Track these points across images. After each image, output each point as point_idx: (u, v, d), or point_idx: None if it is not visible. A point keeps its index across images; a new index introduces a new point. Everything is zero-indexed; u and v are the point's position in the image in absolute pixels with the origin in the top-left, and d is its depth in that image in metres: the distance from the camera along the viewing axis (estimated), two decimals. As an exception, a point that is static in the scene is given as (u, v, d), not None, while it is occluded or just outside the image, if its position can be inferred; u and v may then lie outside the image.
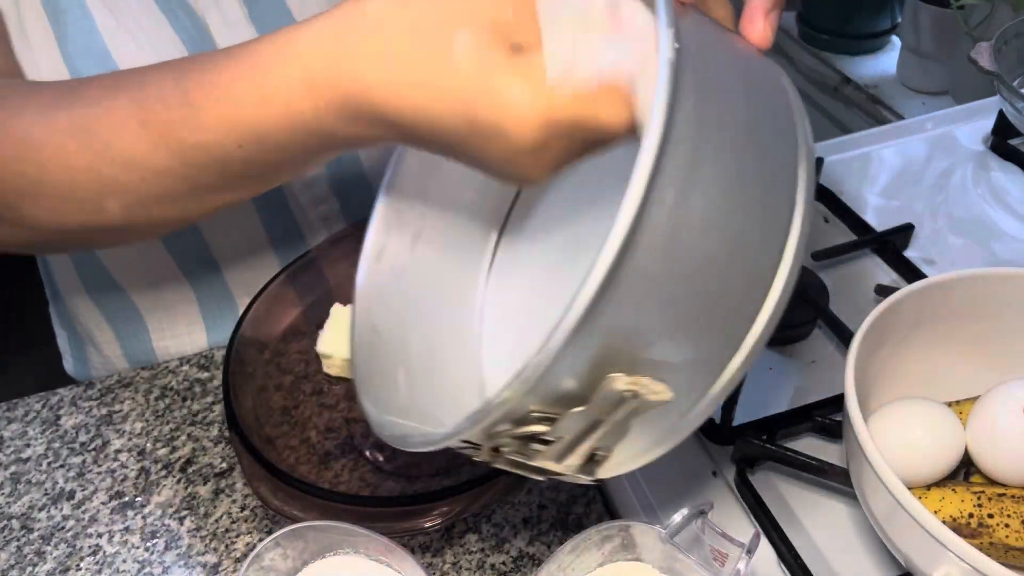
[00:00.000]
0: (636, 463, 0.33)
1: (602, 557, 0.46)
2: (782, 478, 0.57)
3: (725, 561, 0.42)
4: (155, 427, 0.65)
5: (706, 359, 0.28)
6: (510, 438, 0.29)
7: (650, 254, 0.23)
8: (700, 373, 0.28)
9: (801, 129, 0.28)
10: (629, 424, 0.28)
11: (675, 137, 0.22)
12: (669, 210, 0.23)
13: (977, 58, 0.76)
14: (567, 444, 0.29)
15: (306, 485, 0.51)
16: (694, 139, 0.23)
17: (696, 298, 0.25)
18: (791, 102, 0.29)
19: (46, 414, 0.67)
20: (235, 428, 0.53)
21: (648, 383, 0.26)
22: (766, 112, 0.27)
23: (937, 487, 0.48)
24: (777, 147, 0.27)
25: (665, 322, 0.25)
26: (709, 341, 0.27)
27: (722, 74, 0.26)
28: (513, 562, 0.54)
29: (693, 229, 0.24)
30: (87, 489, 0.61)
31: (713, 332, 0.27)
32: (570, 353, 0.24)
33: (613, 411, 0.27)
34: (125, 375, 0.70)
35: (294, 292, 0.64)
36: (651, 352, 0.26)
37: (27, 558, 0.57)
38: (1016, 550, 0.45)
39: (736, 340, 0.28)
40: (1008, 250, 0.70)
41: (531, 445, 0.29)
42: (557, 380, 0.26)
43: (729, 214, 0.25)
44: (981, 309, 0.52)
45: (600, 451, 0.30)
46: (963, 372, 0.53)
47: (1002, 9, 1.08)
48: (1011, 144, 0.81)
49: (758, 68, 0.29)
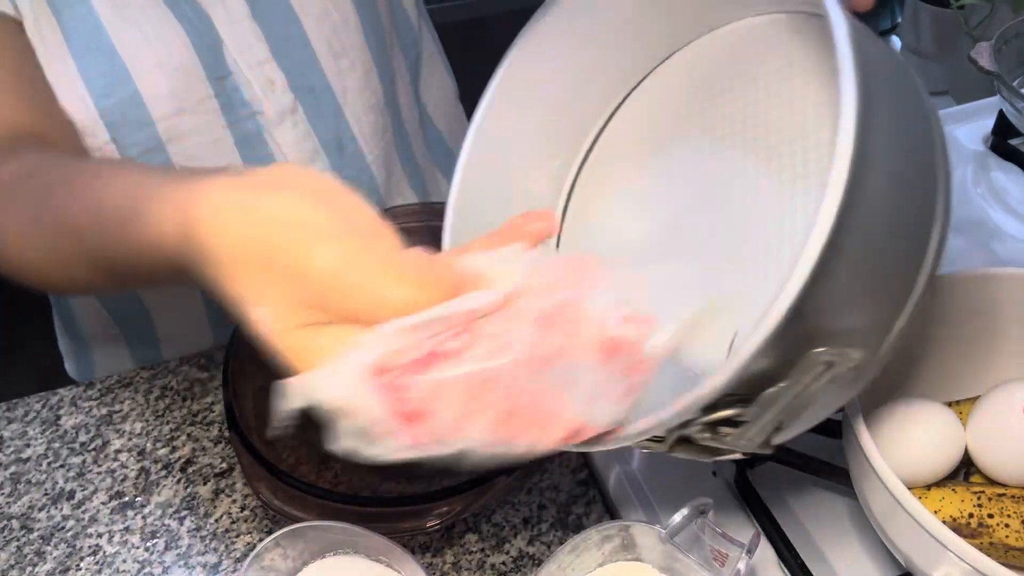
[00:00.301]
0: (811, 425, 0.35)
1: (602, 557, 0.46)
2: (782, 478, 0.57)
3: (725, 561, 0.42)
4: (155, 427, 0.65)
5: (883, 320, 0.30)
6: (701, 425, 0.29)
7: (850, 236, 0.25)
8: (877, 333, 0.30)
9: (934, 117, 0.31)
10: (819, 392, 0.29)
11: (867, 127, 0.24)
12: (864, 195, 0.25)
13: (977, 58, 0.76)
14: (762, 424, 0.29)
15: (306, 485, 0.51)
16: (879, 129, 0.25)
17: (881, 269, 0.28)
18: (924, 97, 0.31)
19: (46, 414, 0.67)
20: (235, 428, 0.53)
21: (845, 351, 0.27)
22: (914, 103, 0.30)
23: (937, 487, 0.48)
24: (922, 135, 0.30)
25: (859, 294, 0.28)
26: (887, 304, 0.30)
27: (886, 77, 0.28)
28: (513, 562, 0.54)
29: (878, 211, 0.26)
30: (87, 489, 0.61)
31: (890, 296, 0.30)
32: (778, 340, 0.25)
33: (810, 383, 0.28)
34: (125, 375, 0.70)
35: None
36: (845, 322, 0.28)
37: (27, 558, 0.57)
38: (1016, 550, 0.45)
39: (902, 302, 0.30)
40: (1008, 250, 0.70)
41: (720, 429, 0.30)
42: (760, 365, 0.26)
43: (902, 194, 0.28)
44: (981, 309, 0.52)
45: (785, 422, 0.30)
46: (963, 372, 0.53)
47: (1002, 9, 1.08)
48: (1011, 144, 0.81)
49: (901, 67, 0.31)
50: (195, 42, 0.63)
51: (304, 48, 0.68)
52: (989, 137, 0.82)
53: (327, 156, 0.72)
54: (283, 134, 0.69)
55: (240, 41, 0.65)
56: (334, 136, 0.72)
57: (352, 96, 0.72)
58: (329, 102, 0.71)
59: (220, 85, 0.65)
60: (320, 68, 0.69)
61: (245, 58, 0.65)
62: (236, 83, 0.66)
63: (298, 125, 0.69)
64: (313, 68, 0.69)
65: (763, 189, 0.32)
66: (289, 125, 0.69)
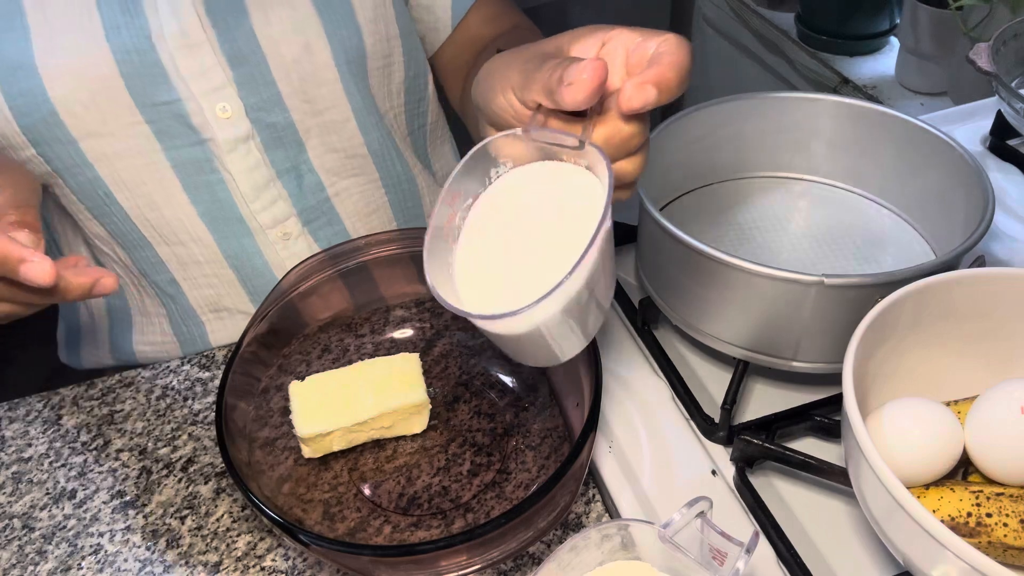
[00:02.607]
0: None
1: (602, 556, 0.46)
2: (781, 477, 0.57)
3: (724, 560, 0.42)
4: (156, 426, 0.65)
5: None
6: None
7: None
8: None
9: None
10: None
11: None
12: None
13: (975, 59, 0.76)
14: None
15: (303, 533, 0.48)
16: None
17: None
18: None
19: (47, 413, 0.67)
20: (236, 477, 0.51)
21: None
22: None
23: (935, 486, 0.48)
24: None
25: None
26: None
27: None
28: (513, 562, 0.55)
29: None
30: (88, 488, 0.61)
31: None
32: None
33: None
34: (126, 375, 0.70)
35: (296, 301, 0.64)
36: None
37: (28, 557, 0.58)
38: (1014, 549, 0.45)
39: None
40: (1007, 250, 0.70)
41: None
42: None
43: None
44: (980, 309, 0.52)
45: None
46: (962, 372, 0.54)
47: (1000, 10, 1.08)
48: (1009, 145, 0.81)
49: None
50: (124, 71, 0.62)
51: (268, 87, 0.67)
52: (987, 138, 0.82)
53: (284, 184, 0.72)
54: (235, 162, 0.68)
55: (194, 65, 0.64)
56: (292, 166, 0.71)
57: (315, 137, 0.71)
58: (291, 136, 0.70)
59: (155, 111, 0.64)
60: (284, 107, 0.68)
61: (198, 82, 0.64)
62: (182, 108, 0.65)
63: (251, 153, 0.68)
64: (277, 105, 0.68)
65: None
66: (242, 153, 0.68)
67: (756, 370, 0.63)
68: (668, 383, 0.63)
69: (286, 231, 0.73)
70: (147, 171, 0.67)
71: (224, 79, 0.65)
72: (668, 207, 0.73)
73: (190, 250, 0.72)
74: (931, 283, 0.51)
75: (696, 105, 0.70)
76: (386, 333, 0.67)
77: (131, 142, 0.65)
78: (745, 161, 0.74)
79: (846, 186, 0.74)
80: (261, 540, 0.57)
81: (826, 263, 0.67)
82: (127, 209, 0.69)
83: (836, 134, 0.71)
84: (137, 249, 0.72)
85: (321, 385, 0.59)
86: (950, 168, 0.64)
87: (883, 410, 0.49)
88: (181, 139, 0.66)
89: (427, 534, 0.54)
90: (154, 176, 0.67)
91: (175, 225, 0.70)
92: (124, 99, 0.63)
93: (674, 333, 0.68)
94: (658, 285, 0.65)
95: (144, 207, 0.69)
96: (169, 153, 0.66)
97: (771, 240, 0.69)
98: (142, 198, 0.68)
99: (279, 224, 0.73)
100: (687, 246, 0.57)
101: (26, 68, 0.61)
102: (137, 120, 0.64)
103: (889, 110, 0.69)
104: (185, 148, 0.67)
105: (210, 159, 0.68)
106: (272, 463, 0.57)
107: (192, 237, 0.71)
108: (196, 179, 0.68)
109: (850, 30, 1.43)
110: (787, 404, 0.59)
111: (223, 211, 0.70)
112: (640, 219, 0.66)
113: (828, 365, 0.59)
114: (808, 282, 0.54)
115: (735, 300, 0.58)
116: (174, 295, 0.75)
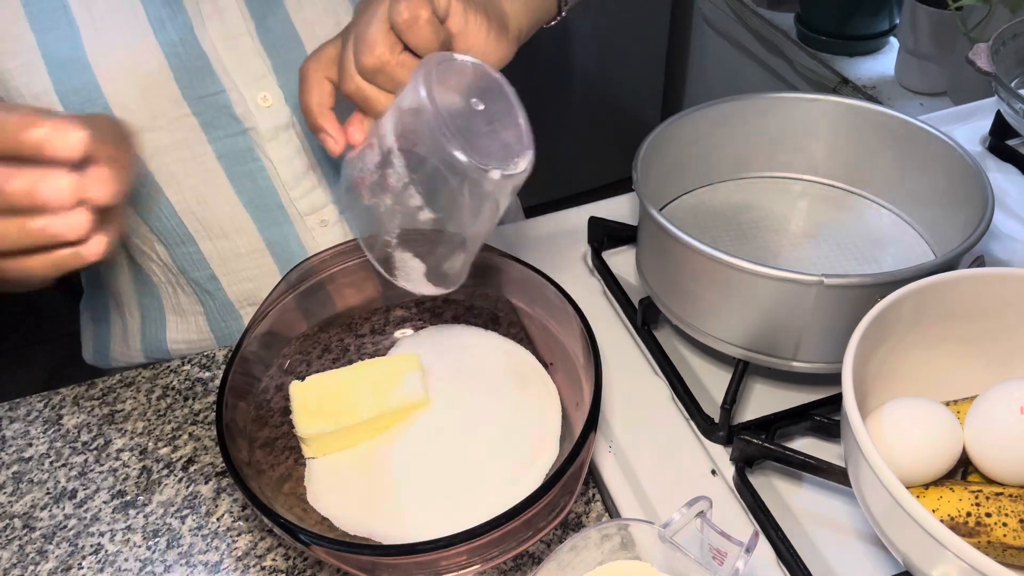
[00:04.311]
0: None
1: (601, 556, 0.46)
2: (781, 477, 0.57)
3: (724, 560, 0.42)
4: (157, 426, 0.65)
5: None
6: None
7: None
8: None
9: None
10: None
11: None
12: None
13: (975, 59, 0.76)
14: None
15: (303, 533, 0.48)
16: None
17: None
18: None
19: (48, 413, 0.67)
20: (236, 477, 0.51)
21: None
22: None
23: (935, 486, 0.48)
24: None
25: None
26: None
27: None
28: (513, 561, 0.55)
29: None
30: (89, 488, 0.62)
31: None
32: None
33: None
34: (127, 375, 0.70)
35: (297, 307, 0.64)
36: None
37: (29, 557, 0.58)
38: (1014, 549, 0.45)
39: None
40: (1007, 250, 0.70)
41: None
42: None
43: None
44: (980, 309, 0.52)
45: None
46: (962, 372, 0.54)
47: (1000, 10, 1.08)
48: (1009, 145, 0.81)
49: None
50: (172, 64, 0.62)
51: None
52: (987, 138, 0.83)
53: (323, 171, 0.72)
54: (275, 150, 0.68)
55: (236, 56, 0.64)
56: None
57: None
58: None
59: (201, 104, 0.65)
60: None
61: (240, 73, 0.65)
62: (226, 100, 0.65)
63: (292, 140, 0.69)
64: None
65: None
66: (283, 140, 0.68)
67: (756, 370, 0.63)
68: (668, 383, 0.63)
69: (323, 218, 0.74)
70: (194, 163, 0.67)
71: (264, 68, 0.65)
72: (668, 207, 0.73)
73: (233, 243, 0.72)
74: (931, 283, 0.51)
75: (696, 105, 0.70)
76: (386, 333, 0.67)
77: (179, 135, 0.65)
78: (745, 161, 0.75)
79: (846, 186, 0.74)
80: (261, 540, 0.57)
81: (826, 263, 0.67)
82: (174, 203, 0.69)
83: (836, 134, 0.72)
84: (180, 245, 0.72)
85: (321, 385, 0.59)
86: (950, 168, 0.64)
87: (883, 410, 0.49)
88: (225, 130, 0.67)
89: (427, 534, 0.54)
90: (200, 168, 0.68)
91: (220, 216, 0.71)
92: (173, 93, 0.63)
93: (674, 333, 0.68)
94: (658, 285, 0.65)
95: (191, 201, 0.69)
96: (214, 144, 0.67)
97: (771, 240, 0.69)
98: (189, 191, 0.69)
99: (317, 211, 0.73)
100: (687, 246, 0.57)
101: (79, 63, 0.61)
102: (185, 113, 0.65)
103: (889, 110, 0.69)
104: (229, 139, 0.67)
105: (252, 148, 0.68)
106: (272, 463, 0.57)
107: (236, 227, 0.71)
108: (239, 168, 0.69)
109: (850, 30, 1.43)
110: (787, 404, 0.59)
111: (264, 199, 0.71)
112: (640, 219, 0.66)
113: (828, 365, 0.59)
114: (808, 282, 0.54)
115: (735, 300, 0.58)
116: (213, 291, 0.75)
